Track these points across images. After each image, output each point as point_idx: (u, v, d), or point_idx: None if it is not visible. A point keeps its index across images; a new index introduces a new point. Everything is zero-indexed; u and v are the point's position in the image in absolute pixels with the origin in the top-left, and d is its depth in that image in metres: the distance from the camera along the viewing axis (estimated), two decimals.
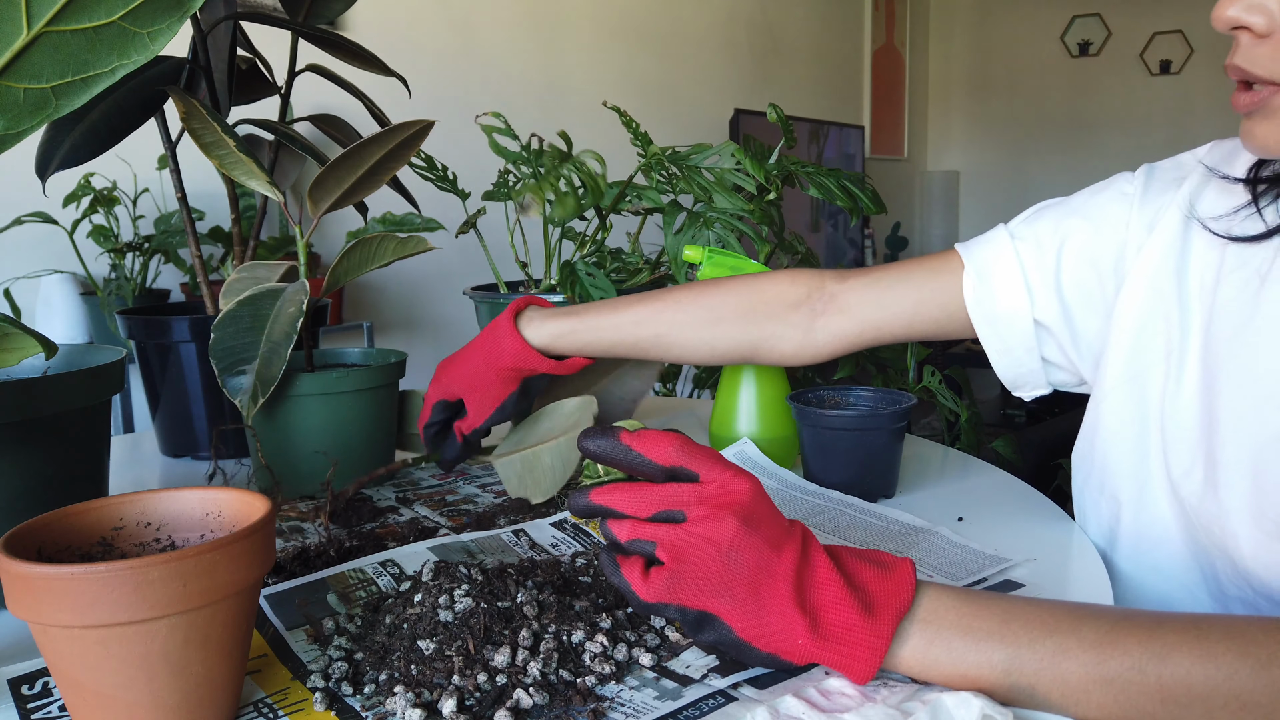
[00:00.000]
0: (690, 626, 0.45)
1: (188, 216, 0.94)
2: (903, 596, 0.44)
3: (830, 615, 0.44)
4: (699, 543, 0.44)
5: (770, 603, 0.44)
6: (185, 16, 0.46)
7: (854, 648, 0.43)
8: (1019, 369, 0.68)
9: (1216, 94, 4.21)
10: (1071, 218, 0.65)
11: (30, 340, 0.47)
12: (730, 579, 0.44)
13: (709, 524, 0.44)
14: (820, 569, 0.45)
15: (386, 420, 0.83)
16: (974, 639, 0.43)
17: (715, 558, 0.44)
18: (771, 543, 0.45)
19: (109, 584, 0.38)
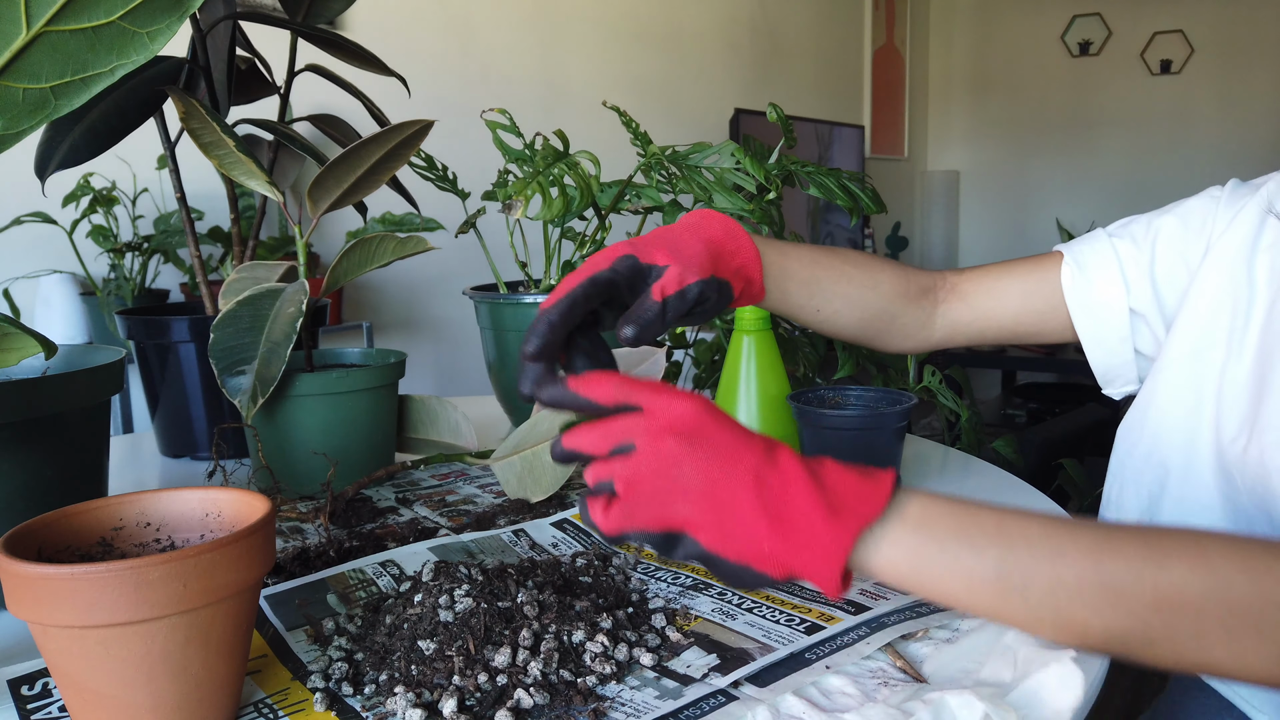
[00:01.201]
0: (661, 548, 0.45)
1: (187, 216, 0.94)
2: (875, 501, 0.43)
3: (794, 516, 0.42)
4: (644, 468, 0.44)
5: (731, 509, 0.43)
6: (184, 16, 0.46)
7: (816, 551, 0.42)
8: (1111, 359, 0.70)
9: (1217, 94, 4.21)
10: (1163, 216, 0.69)
11: (30, 340, 0.47)
12: (685, 494, 0.43)
13: (651, 447, 0.44)
14: (787, 473, 0.43)
15: (386, 421, 0.83)
16: (969, 539, 0.43)
17: (663, 478, 0.44)
18: (723, 452, 0.44)
19: (109, 584, 0.38)
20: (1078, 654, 0.41)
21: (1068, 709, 0.43)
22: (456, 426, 0.87)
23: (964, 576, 0.42)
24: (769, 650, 0.49)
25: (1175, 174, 4.23)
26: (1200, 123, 4.23)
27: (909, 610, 0.53)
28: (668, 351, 1.05)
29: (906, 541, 0.43)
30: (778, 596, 0.56)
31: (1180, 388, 0.64)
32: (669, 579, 0.60)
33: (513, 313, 0.98)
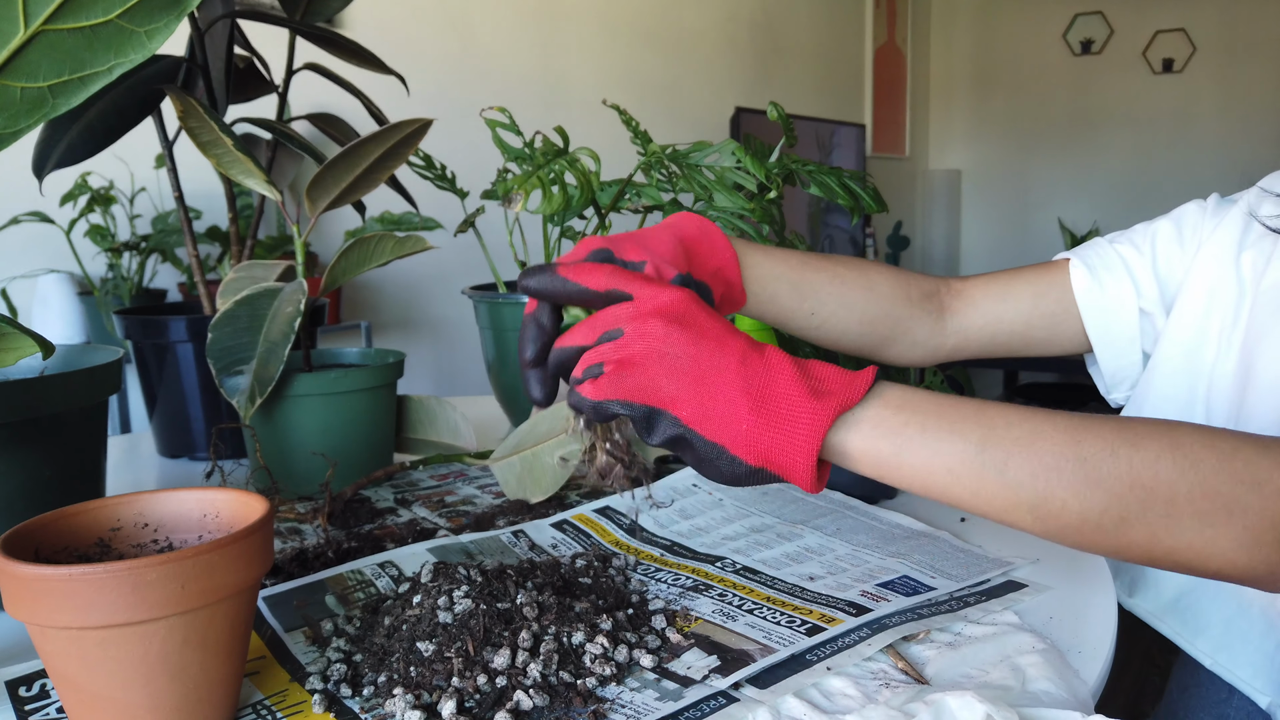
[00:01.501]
0: (642, 425, 0.45)
1: (185, 216, 0.93)
2: (856, 387, 0.44)
3: (776, 397, 0.43)
4: (634, 347, 0.45)
5: (714, 388, 0.44)
6: (182, 15, 0.45)
7: (793, 430, 0.43)
8: (1120, 361, 0.71)
9: (1219, 93, 4.21)
10: (1158, 221, 0.72)
11: (27, 340, 0.47)
12: (671, 372, 0.44)
13: (640, 328, 0.45)
14: (773, 359, 0.45)
15: (385, 421, 0.83)
16: (949, 422, 0.43)
17: (652, 357, 0.45)
18: (709, 335, 0.45)
19: (106, 585, 0.38)
20: (1084, 715, 0.41)
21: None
22: (455, 427, 0.87)
23: (945, 458, 0.43)
24: (770, 651, 0.49)
25: (1177, 173, 4.22)
26: (1202, 121, 4.23)
27: (910, 612, 0.53)
28: None
29: (889, 422, 0.43)
30: (778, 598, 0.56)
31: (1174, 384, 0.66)
32: (669, 580, 0.59)
33: (512, 312, 0.98)
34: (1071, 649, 0.50)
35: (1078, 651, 0.50)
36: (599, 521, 0.69)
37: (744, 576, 0.59)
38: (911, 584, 0.57)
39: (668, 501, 0.73)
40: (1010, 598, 0.56)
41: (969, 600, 0.55)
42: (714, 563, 0.62)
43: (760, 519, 0.69)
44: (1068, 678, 0.47)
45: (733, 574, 0.60)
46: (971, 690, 0.41)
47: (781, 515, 0.70)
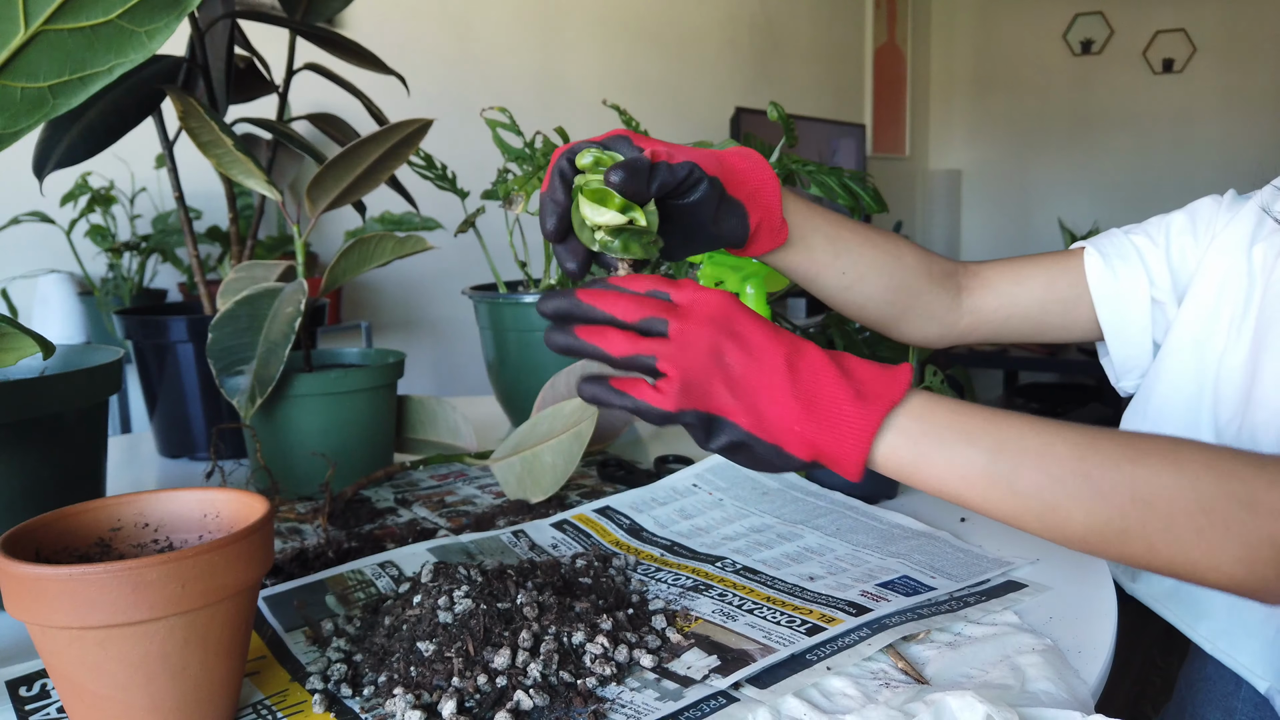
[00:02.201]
0: (704, 431, 0.47)
1: (185, 216, 0.93)
2: (896, 389, 0.46)
3: (825, 400, 0.46)
4: (690, 351, 0.47)
5: (767, 393, 0.46)
6: (183, 15, 0.45)
7: (844, 431, 0.46)
8: (1130, 349, 0.72)
9: (1219, 93, 4.21)
10: (1174, 214, 0.72)
11: (27, 340, 0.47)
12: (727, 382, 0.47)
13: (692, 332, 0.47)
14: (816, 361, 0.47)
15: (385, 421, 0.83)
16: (965, 433, 0.46)
17: (710, 363, 0.47)
18: (757, 344, 0.47)
19: (107, 585, 0.38)
20: (1084, 716, 0.41)
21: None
22: (456, 427, 0.87)
23: (959, 468, 0.46)
24: (770, 651, 0.49)
25: (1177, 173, 4.22)
26: (1202, 122, 4.22)
27: (910, 612, 0.53)
28: None
29: (910, 430, 0.46)
30: (779, 598, 0.56)
31: (1183, 374, 0.66)
32: (669, 580, 0.59)
33: (512, 312, 0.98)
34: (1071, 649, 0.50)
35: (1078, 651, 0.50)
36: (599, 521, 0.69)
37: (744, 576, 0.59)
38: (911, 584, 0.57)
39: (667, 498, 0.73)
40: (1010, 598, 0.56)
41: (969, 600, 0.55)
42: (714, 563, 0.62)
43: (760, 519, 0.69)
44: (1068, 678, 0.47)
45: (733, 574, 0.60)
46: (971, 690, 0.41)
47: (781, 515, 0.70)
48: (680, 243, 0.59)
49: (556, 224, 0.53)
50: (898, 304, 0.72)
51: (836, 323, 1.36)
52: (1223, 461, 0.44)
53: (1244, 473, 0.43)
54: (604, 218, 0.52)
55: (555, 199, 0.53)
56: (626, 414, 0.92)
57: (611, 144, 0.56)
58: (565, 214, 0.54)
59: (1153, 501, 0.43)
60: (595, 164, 0.54)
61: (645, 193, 0.53)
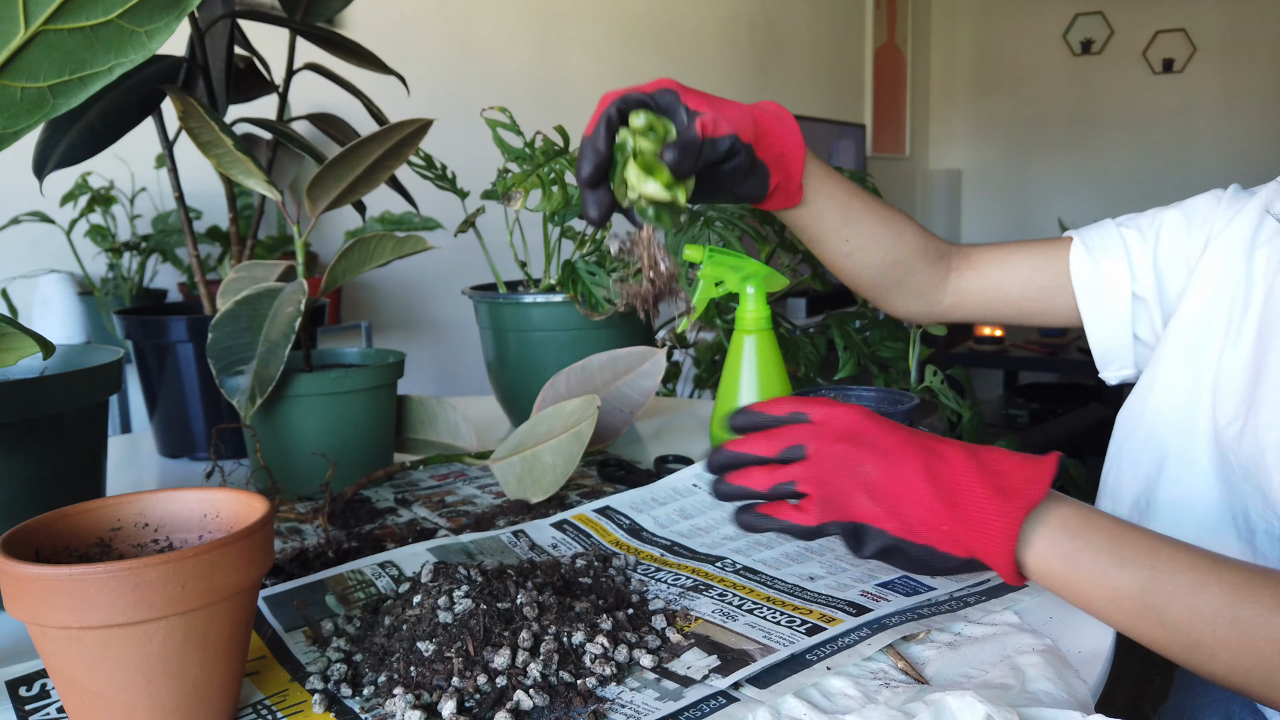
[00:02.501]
0: (852, 540, 0.49)
1: (185, 216, 0.93)
2: (1038, 486, 0.47)
3: (965, 499, 0.47)
4: (826, 467, 0.49)
5: (907, 497, 0.48)
6: (183, 15, 0.45)
7: (988, 530, 0.46)
8: (1110, 341, 0.72)
9: (1219, 93, 4.21)
10: (1168, 210, 0.72)
11: (27, 340, 0.47)
12: (868, 490, 0.48)
13: (826, 450, 0.49)
14: (954, 460, 0.48)
15: (385, 421, 0.83)
16: (1121, 557, 0.46)
17: (847, 475, 0.49)
18: (892, 450, 0.49)
19: (107, 585, 0.38)
20: (1083, 716, 0.41)
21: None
22: (456, 427, 0.87)
23: (1110, 589, 0.46)
24: (770, 651, 0.49)
25: (1177, 173, 4.22)
26: (1202, 122, 4.22)
27: (910, 612, 0.53)
28: (668, 352, 1.05)
29: (1063, 546, 0.47)
30: (778, 598, 0.56)
31: (1179, 374, 0.66)
32: (669, 580, 0.59)
33: (512, 313, 0.98)
34: (1071, 649, 0.50)
35: (1077, 651, 0.50)
36: (599, 521, 0.69)
37: (744, 576, 0.59)
38: (911, 584, 0.57)
39: (667, 498, 0.73)
40: (1010, 597, 0.56)
41: (969, 600, 0.55)
42: (714, 563, 0.62)
43: None
44: (1067, 678, 0.47)
45: (733, 574, 0.60)
46: (971, 690, 0.41)
47: None
48: (700, 195, 0.61)
49: (592, 171, 0.54)
50: (890, 277, 0.74)
51: (837, 322, 1.37)
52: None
53: None
54: (650, 189, 0.53)
55: (596, 147, 0.54)
56: (626, 415, 0.92)
57: (661, 98, 0.56)
58: (603, 163, 0.54)
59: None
60: (648, 128, 0.54)
61: (693, 170, 0.55)
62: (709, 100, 0.58)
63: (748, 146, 0.58)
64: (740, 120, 0.58)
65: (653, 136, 0.54)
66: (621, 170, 0.54)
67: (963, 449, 0.49)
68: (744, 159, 0.58)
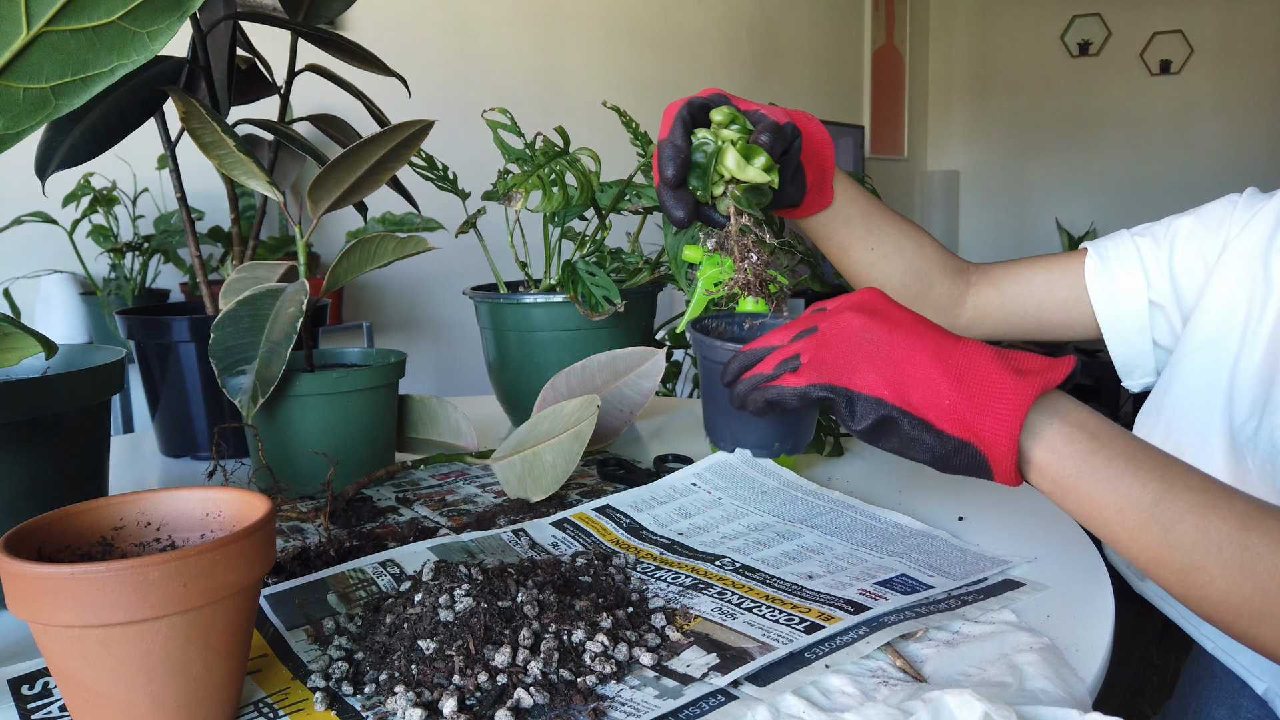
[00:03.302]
0: (845, 410, 0.48)
1: (187, 216, 0.94)
2: (1058, 369, 0.45)
3: (976, 374, 0.45)
4: (829, 335, 0.48)
5: (911, 367, 0.46)
6: (185, 16, 0.46)
7: (996, 405, 0.44)
8: (1130, 350, 0.73)
9: (1217, 94, 4.21)
10: (1182, 217, 0.72)
11: (30, 340, 0.47)
12: (870, 357, 0.47)
13: (835, 320, 0.49)
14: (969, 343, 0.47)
15: (387, 420, 0.83)
16: (1135, 464, 0.44)
17: (848, 343, 0.48)
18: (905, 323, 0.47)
19: (109, 584, 0.38)
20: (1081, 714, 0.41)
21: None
22: (457, 426, 0.87)
23: (1120, 498, 0.44)
24: (768, 649, 0.49)
25: (1174, 174, 4.23)
26: (1199, 123, 4.23)
27: (908, 610, 0.53)
28: (668, 352, 1.05)
29: (1079, 445, 0.45)
30: (777, 596, 0.56)
31: (1196, 375, 0.67)
32: (669, 578, 0.60)
33: (513, 312, 0.98)
34: (1069, 647, 0.51)
35: (1075, 650, 0.51)
36: (599, 520, 0.69)
37: (743, 575, 0.59)
38: (910, 582, 0.57)
39: (666, 497, 0.73)
40: (1008, 596, 0.56)
41: (967, 599, 0.55)
42: (713, 561, 0.62)
43: (759, 518, 0.70)
44: (1065, 676, 0.47)
45: (732, 572, 0.60)
46: (969, 688, 0.42)
47: (780, 514, 0.70)
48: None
49: (677, 170, 0.55)
50: (912, 289, 0.75)
51: None
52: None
53: None
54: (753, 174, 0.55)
55: (676, 144, 0.55)
56: (626, 415, 0.92)
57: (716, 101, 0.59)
58: (686, 161, 0.56)
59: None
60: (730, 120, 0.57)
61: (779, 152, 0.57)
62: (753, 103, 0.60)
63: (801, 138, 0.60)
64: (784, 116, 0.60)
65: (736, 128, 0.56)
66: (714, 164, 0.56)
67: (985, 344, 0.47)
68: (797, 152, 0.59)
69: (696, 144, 0.57)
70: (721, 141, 0.56)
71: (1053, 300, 0.75)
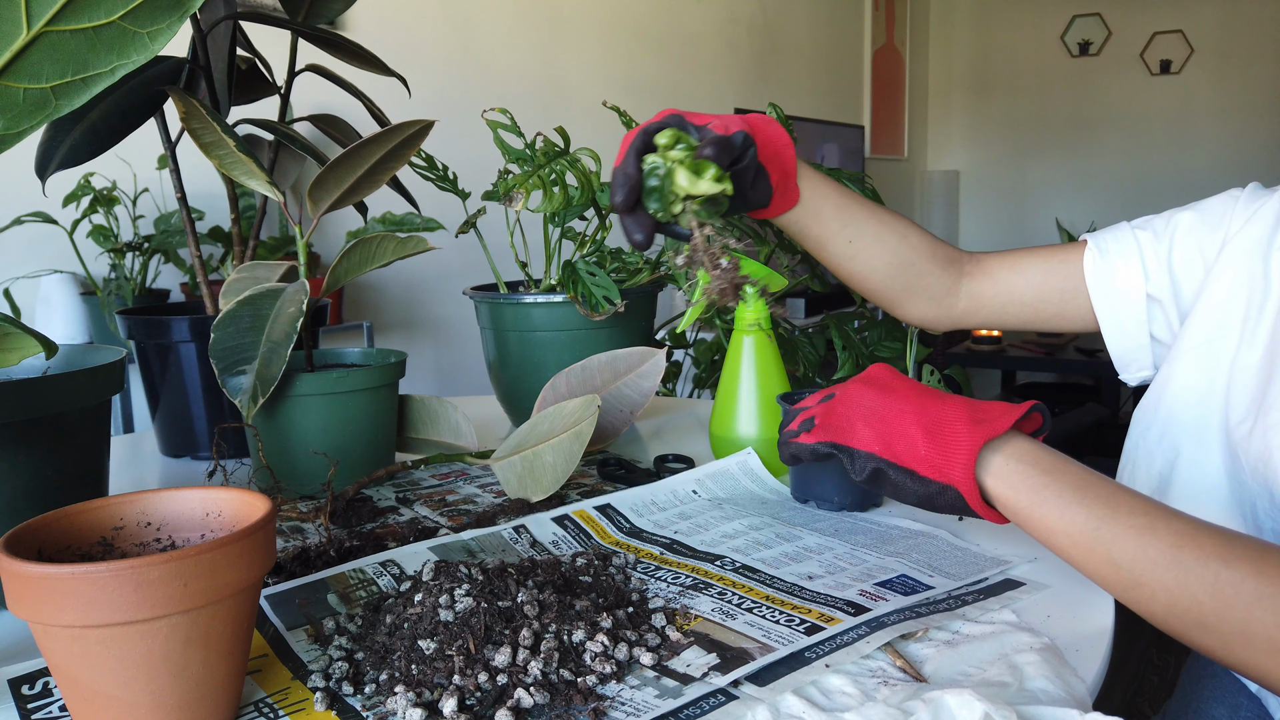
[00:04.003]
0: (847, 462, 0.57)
1: (187, 216, 0.94)
2: (1008, 417, 0.52)
3: (944, 426, 0.53)
4: (839, 402, 0.59)
5: (897, 428, 0.55)
6: (185, 16, 0.46)
7: (954, 449, 0.52)
8: (1127, 343, 0.73)
9: (1216, 94, 4.21)
10: (1182, 212, 0.73)
11: (30, 340, 0.47)
12: (865, 419, 0.56)
13: (845, 390, 0.59)
14: (947, 399, 0.55)
15: (387, 420, 0.83)
16: (1082, 497, 0.50)
17: (851, 408, 0.58)
18: (896, 391, 0.56)
19: (109, 584, 0.38)
20: (1081, 714, 0.42)
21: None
22: (457, 426, 0.87)
23: (1068, 524, 0.50)
24: (769, 650, 0.49)
25: (1175, 174, 4.23)
26: (1200, 123, 4.23)
27: (908, 610, 0.53)
28: (668, 352, 1.05)
29: (1032, 481, 0.51)
30: (778, 597, 0.56)
31: (1194, 374, 0.67)
32: (669, 579, 0.60)
33: (513, 313, 0.98)
34: (1069, 647, 0.51)
35: (1075, 650, 0.51)
36: (599, 521, 0.69)
37: (743, 575, 0.59)
38: (910, 583, 0.57)
39: (667, 504, 0.73)
40: (1008, 596, 0.56)
41: (967, 599, 0.55)
42: (713, 561, 0.62)
43: (759, 518, 0.70)
44: (1065, 676, 0.47)
45: (732, 573, 0.60)
46: (970, 688, 0.42)
47: (780, 515, 0.70)
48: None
49: (626, 195, 0.59)
50: (899, 279, 0.74)
51: (836, 322, 1.37)
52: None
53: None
54: (703, 186, 0.58)
55: (628, 172, 0.59)
56: (626, 415, 0.92)
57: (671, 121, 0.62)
58: (636, 187, 0.59)
59: (1234, 604, 0.45)
60: (675, 141, 0.60)
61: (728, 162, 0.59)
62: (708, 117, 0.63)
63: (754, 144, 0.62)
64: (739, 123, 0.63)
65: (681, 148, 0.60)
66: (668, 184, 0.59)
67: (966, 399, 0.55)
68: (753, 158, 0.62)
69: (648, 169, 0.60)
70: (670, 163, 0.59)
71: (1049, 291, 0.75)
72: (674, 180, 0.59)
